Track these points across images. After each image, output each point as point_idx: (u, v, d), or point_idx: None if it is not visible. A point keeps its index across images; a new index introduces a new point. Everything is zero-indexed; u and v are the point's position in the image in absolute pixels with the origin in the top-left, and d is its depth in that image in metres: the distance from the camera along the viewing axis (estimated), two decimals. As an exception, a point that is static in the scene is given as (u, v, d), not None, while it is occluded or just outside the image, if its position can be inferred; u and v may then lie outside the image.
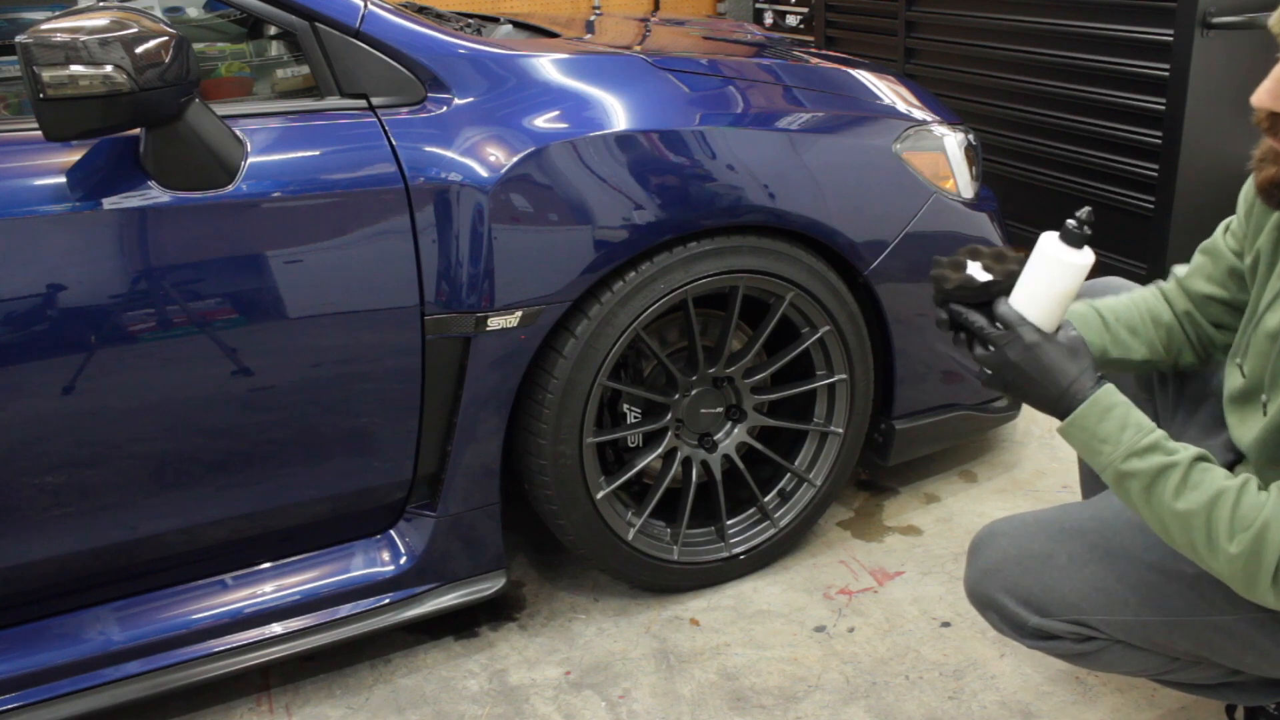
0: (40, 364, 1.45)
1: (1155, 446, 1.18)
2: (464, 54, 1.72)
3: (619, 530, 1.94)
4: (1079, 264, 1.21)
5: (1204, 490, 1.14)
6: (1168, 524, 1.17)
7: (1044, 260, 1.22)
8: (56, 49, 1.30)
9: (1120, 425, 1.19)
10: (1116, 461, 1.19)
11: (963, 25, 3.60)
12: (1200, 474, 1.16)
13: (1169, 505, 1.15)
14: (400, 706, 1.81)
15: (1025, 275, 1.25)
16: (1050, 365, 1.22)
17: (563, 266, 1.71)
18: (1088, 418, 1.20)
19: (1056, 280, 1.21)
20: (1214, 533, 1.13)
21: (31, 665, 1.57)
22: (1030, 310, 1.23)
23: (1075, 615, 1.34)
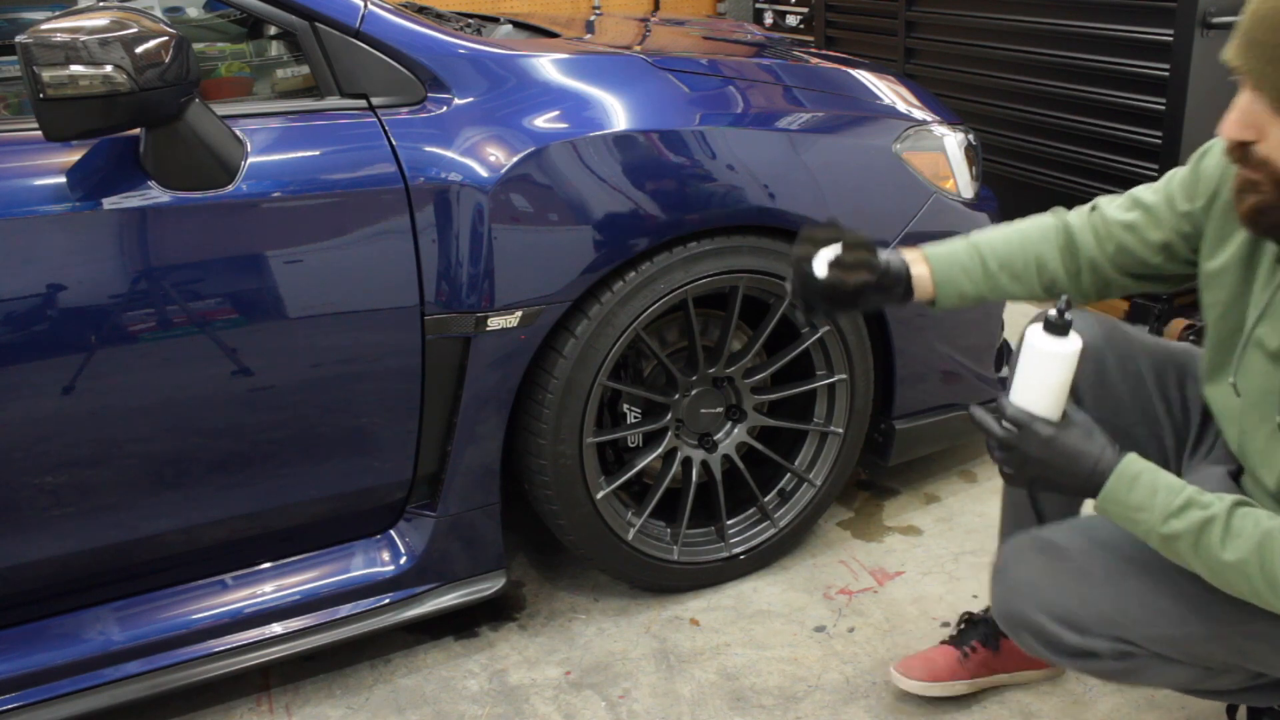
0: (40, 364, 1.45)
1: (1190, 503, 1.19)
2: (464, 54, 1.72)
3: (619, 530, 1.94)
4: (1069, 352, 1.24)
5: (1250, 536, 1.15)
6: (1226, 576, 1.18)
7: (1035, 356, 1.26)
8: (56, 49, 1.30)
9: (1151, 491, 1.21)
10: (1157, 526, 1.20)
11: (963, 25, 3.60)
12: (1241, 520, 1.17)
13: (1220, 558, 1.16)
14: (400, 706, 1.81)
15: (1020, 371, 1.28)
16: (1071, 452, 1.24)
17: (563, 266, 1.71)
18: (1118, 491, 1.22)
19: (1052, 372, 1.25)
20: (1272, 575, 1.13)
21: (31, 665, 1.57)
22: (1036, 405, 1.26)
23: (1116, 631, 1.28)
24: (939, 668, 1.74)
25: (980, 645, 1.74)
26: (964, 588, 2.05)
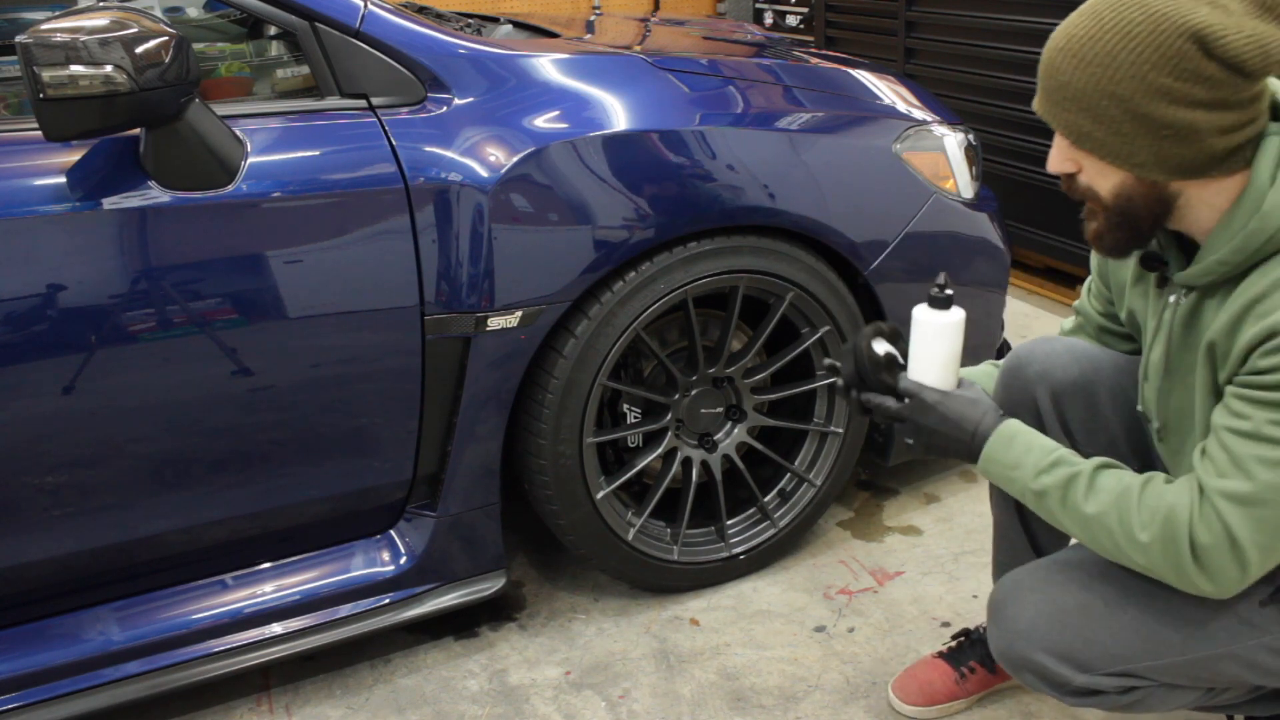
0: (40, 364, 1.45)
1: (1060, 461, 1.25)
2: (464, 54, 1.72)
3: (619, 530, 1.94)
4: (953, 322, 1.35)
5: (1110, 490, 1.20)
6: (1090, 528, 1.22)
7: (922, 329, 1.36)
8: (56, 49, 1.30)
9: (1025, 449, 1.28)
10: (1029, 483, 1.26)
11: (963, 25, 3.60)
12: (1105, 477, 1.22)
13: (1083, 510, 1.21)
14: (400, 706, 1.81)
15: (912, 348, 1.38)
16: (955, 416, 1.32)
17: (563, 266, 1.71)
18: (995, 449, 1.29)
19: (938, 343, 1.35)
20: (1127, 526, 1.18)
21: (31, 665, 1.57)
22: (927, 376, 1.36)
23: (1121, 666, 1.28)
24: (936, 690, 1.73)
25: (979, 665, 1.73)
26: (964, 588, 2.05)
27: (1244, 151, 1.10)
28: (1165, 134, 1.07)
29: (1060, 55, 1.11)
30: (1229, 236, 1.12)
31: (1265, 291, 1.10)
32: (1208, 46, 1.03)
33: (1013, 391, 1.50)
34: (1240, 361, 1.13)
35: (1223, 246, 1.13)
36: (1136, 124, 1.08)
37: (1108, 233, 1.20)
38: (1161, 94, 1.05)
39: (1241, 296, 1.12)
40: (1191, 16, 1.03)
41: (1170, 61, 1.04)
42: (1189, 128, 1.06)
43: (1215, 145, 1.08)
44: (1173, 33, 1.03)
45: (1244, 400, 1.12)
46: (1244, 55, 1.02)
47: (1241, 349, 1.12)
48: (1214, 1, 1.04)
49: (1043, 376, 1.47)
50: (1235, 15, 1.03)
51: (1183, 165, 1.10)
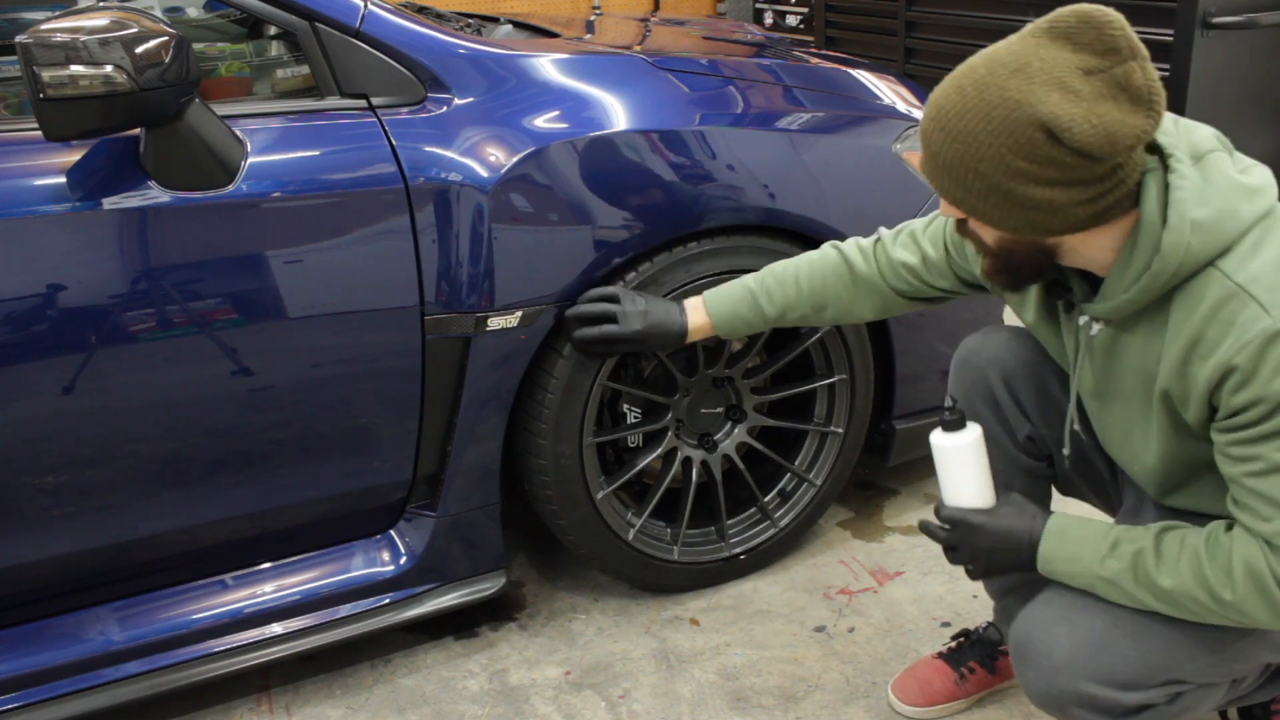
0: (40, 364, 1.45)
1: (1119, 540, 1.24)
2: (464, 54, 1.72)
3: (619, 530, 1.94)
4: (972, 440, 1.36)
5: (1182, 560, 1.19)
6: (1171, 600, 1.21)
7: (944, 455, 1.37)
8: (56, 49, 1.30)
9: (1080, 540, 1.27)
10: (1095, 570, 1.25)
11: (963, 25, 3.60)
12: (1168, 544, 1.21)
13: (1160, 585, 1.20)
14: (400, 706, 1.81)
15: (941, 475, 1.38)
16: (1005, 531, 1.32)
17: (563, 267, 1.71)
18: (1050, 549, 1.29)
19: (964, 464, 1.36)
20: (1210, 589, 1.17)
21: (31, 665, 1.57)
22: (965, 499, 1.36)
23: (1165, 675, 1.26)
24: (936, 691, 1.73)
25: (978, 666, 1.73)
26: (964, 588, 2.05)
27: (1122, 202, 1.12)
28: (1029, 207, 1.10)
29: (931, 125, 1.14)
30: (1133, 276, 1.15)
31: (1200, 331, 1.13)
32: (1056, 136, 1.05)
33: (966, 381, 1.54)
34: (1205, 403, 1.15)
35: (1127, 285, 1.16)
36: (1002, 198, 1.11)
37: (995, 274, 1.25)
38: (1019, 175, 1.09)
39: (1177, 338, 1.15)
40: (1041, 106, 1.05)
41: (1023, 147, 1.07)
42: (1050, 203, 1.09)
43: (1080, 214, 1.10)
44: (1024, 122, 1.06)
45: (1242, 444, 1.13)
46: (1091, 144, 1.04)
47: (1201, 391, 1.14)
48: (1066, 86, 1.05)
49: (993, 362, 1.51)
50: (1086, 100, 1.05)
51: (1053, 229, 1.13)
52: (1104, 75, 1.05)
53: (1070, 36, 1.07)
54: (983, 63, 1.11)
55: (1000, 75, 1.08)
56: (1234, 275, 1.11)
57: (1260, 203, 1.13)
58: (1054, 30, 1.08)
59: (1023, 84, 1.06)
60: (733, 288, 1.66)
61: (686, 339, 1.69)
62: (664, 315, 1.68)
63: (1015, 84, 1.07)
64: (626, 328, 1.67)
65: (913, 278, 1.54)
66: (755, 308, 1.63)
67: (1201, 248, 1.11)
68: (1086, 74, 1.05)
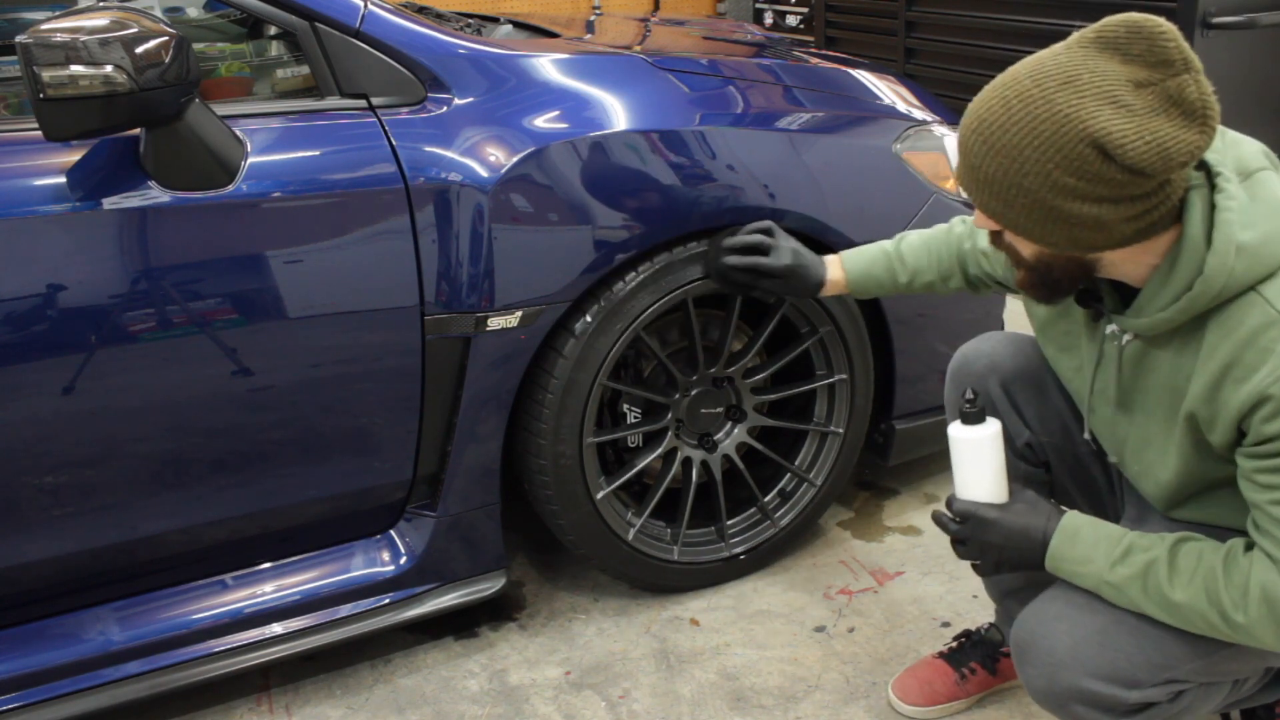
0: (40, 364, 1.45)
1: (1132, 548, 1.23)
2: (464, 54, 1.72)
3: (619, 530, 1.94)
4: (991, 434, 1.34)
5: (1192, 572, 1.18)
6: (1180, 614, 1.20)
7: (961, 447, 1.35)
8: (56, 49, 1.30)
9: (1093, 542, 1.26)
10: (1104, 575, 1.24)
11: (963, 25, 3.60)
12: (1184, 557, 1.20)
13: (1170, 598, 1.19)
14: (400, 706, 1.81)
15: (956, 468, 1.36)
16: (1019, 527, 1.30)
17: (563, 266, 1.71)
18: (1061, 548, 1.27)
19: (981, 458, 1.34)
20: (1221, 609, 1.16)
21: (31, 665, 1.57)
22: (979, 493, 1.34)
23: (1167, 674, 1.25)
24: (936, 691, 1.73)
25: (979, 667, 1.73)
26: (964, 588, 2.05)
27: (1166, 219, 1.10)
28: (1074, 224, 1.08)
29: (973, 137, 1.11)
30: (1171, 295, 1.13)
31: (1235, 356, 1.11)
32: (1108, 153, 1.02)
33: (963, 388, 1.52)
34: (1234, 427, 1.14)
35: (1165, 304, 1.14)
36: (1046, 214, 1.09)
37: (1031, 287, 1.23)
38: (1066, 191, 1.06)
39: (1211, 361, 1.13)
40: (1092, 121, 1.02)
41: (1072, 164, 1.04)
42: (1096, 220, 1.07)
43: (1125, 230, 1.08)
44: (1074, 138, 1.03)
45: (1269, 472, 1.12)
46: (1144, 161, 1.02)
47: (1231, 416, 1.13)
48: (1118, 100, 1.02)
49: (992, 369, 1.51)
50: (1139, 115, 1.02)
51: (1096, 245, 1.11)
52: (1156, 89, 1.02)
53: (1120, 48, 1.04)
54: (1028, 73, 1.07)
55: (1048, 88, 1.05)
56: (1275, 302, 1.09)
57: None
58: (1102, 40, 1.05)
59: (1072, 97, 1.03)
60: (870, 249, 1.67)
61: (823, 290, 1.70)
62: (810, 261, 1.69)
63: (1064, 97, 1.04)
64: (777, 261, 1.68)
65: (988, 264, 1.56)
66: (889, 269, 1.64)
67: (1245, 272, 1.09)
68: (1138, 87, 1.02)
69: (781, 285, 1.71)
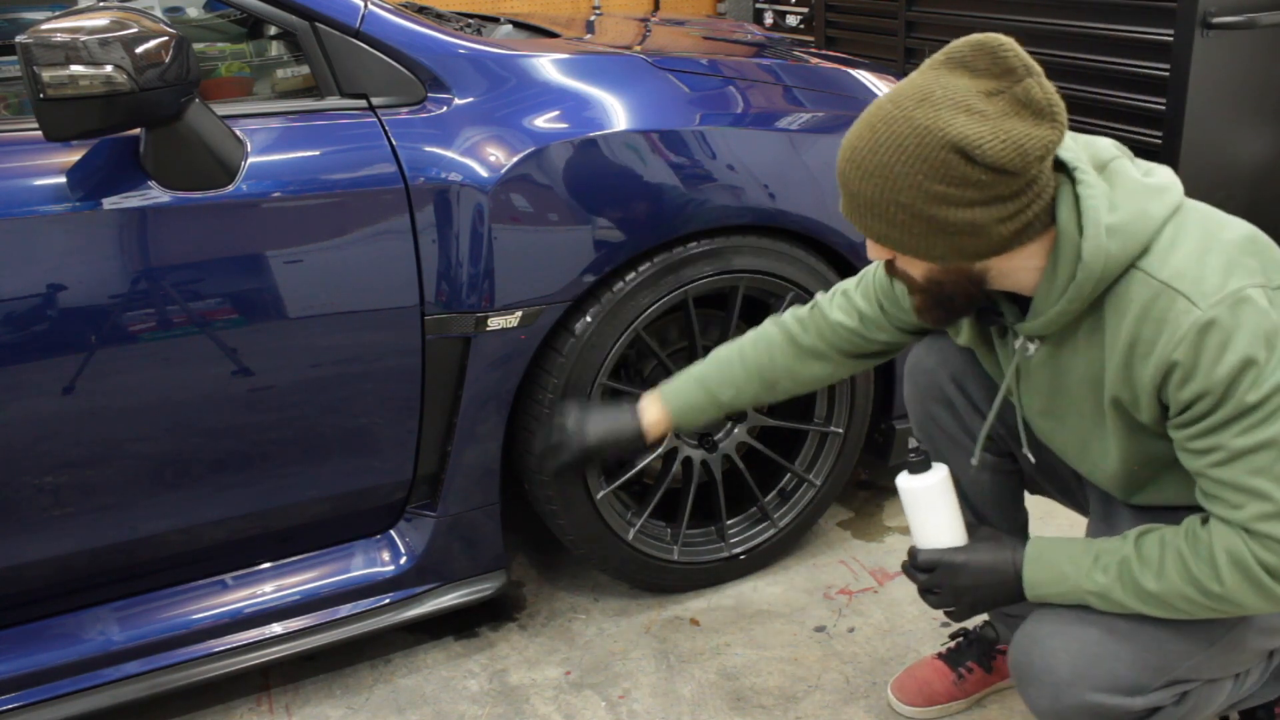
0: (40, 364, 1.45)
1: (1100, 553, 1.25)
2: (464, 54, 1.72)
3: (619, 530, 1.94)
4: (939, 480, 1.36)
5: (1166, 561, 1.20)
6: (1161, 602, 1.21)
7: (914, 498, 1.36)
8: (56, 49, 1.30)
9: (1062, 560, 1.28)
10: (1083, 585, 1.25)
11: (963, 25, 3.60)
12: (1150, 547, 1.22)
13: (1148, 589, 1.21)
14: (400, 706, 1.81)
15: (911, 518, 1.38)
16: (989, 565, 1.33)
17: (563, 266, 1.71)
18: (1034, 575, 1.29)
19: (934, 505, 1.36)
20: (1199, 585, 1.17)
21: (31, 665, 1.57)
22: (940, 539, 1.35)
23: (1168, 676, 1.25)
24: (935, 691, 1.73)
25: (975, 665, 1.74)
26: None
27: (1040, 219, 1.14)
28: (953, 231, 1.12)
29: (847, 166, 1.16)
30: (1059, 288, 1.17)
31: (1135, 332, 1.15)
32: (969, 155, 1.08)
33: (920, 387, 1.56)
34: (1154, 401, 1.17)
35: (1056, 298, 1.18)
36: (925, 225, 1.13)
37: (927, 310, 1.27)
38: (939, 199, 1.11)
39: (1116, 343, 1.17)
40: (949, 128, 1.08)
41: (939, 170, 1.09)
42: (972, 224, 1.12)
43: (1003, 231, 1.13)
44: (936, 145, 1.09)
45: (1200, 436, 1.14)
46: (1003, 158, 1.07)
47: (1148, 390, 1.16)
48: (971, 108, 1.08)
49: (942, 364, 1.54)
50: (991, 119, 1.08)
51: (979, 252, 1.15)
52: (1004, 95, 1.09)
53: (967, 64, 1.11)
54: (887, 99, 1.15)
55: (906, 107, 1.11)
56: (1157, 273, 1.13)
57: (1168, 200, 1.16)
58: (951, 61, 1.12)
59: (929, 111, 1.10)
60: (683, 379, 1.59)
61: (647, 438, 1.58)
62: (614, 426, 1.57)
63: (922, 112, 1.10)
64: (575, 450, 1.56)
65: (853, 336, 1.52)
66: (708, 395, 1.56)
67: (1120, 251, 1.14)
68: (988, 96, 1.09)
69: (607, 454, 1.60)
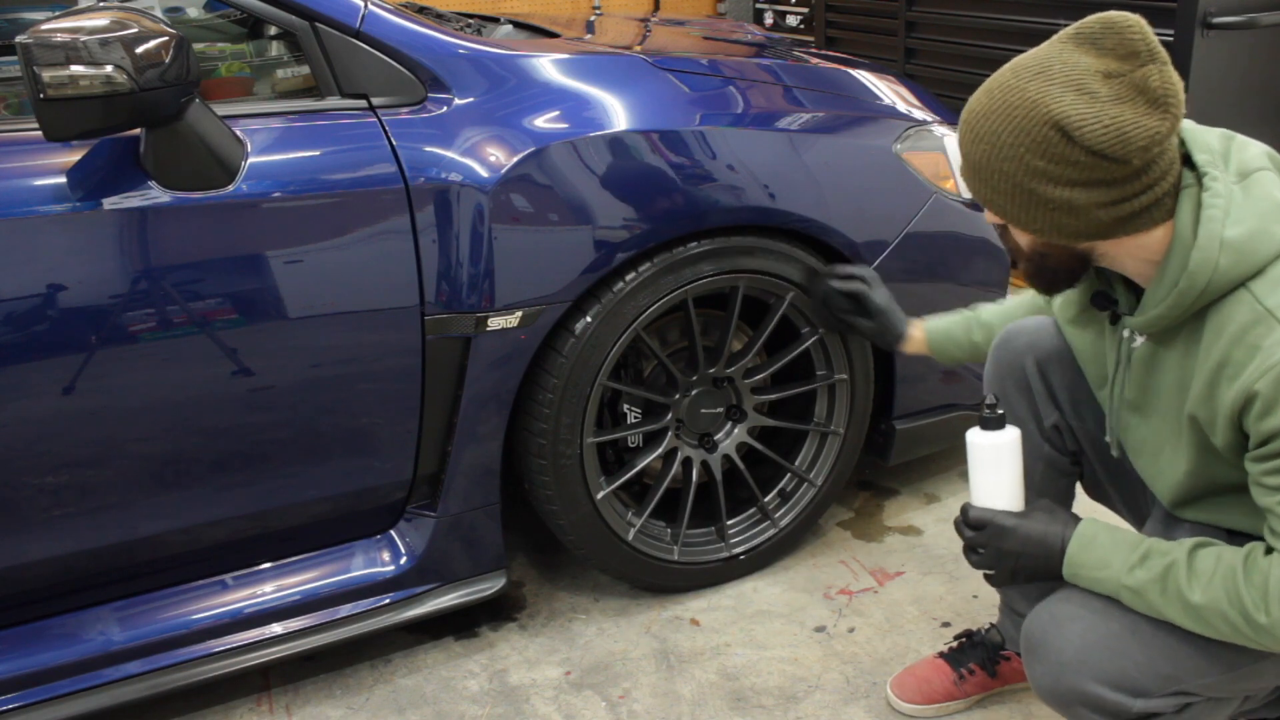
0: (40, 364, 1.45)
1: (1150, 552, 1.23)
2: (464, 54, 1.72)
3: (619, 530, 1.94)
4: (1009, 441, 1.33)
5: (1211, 574, 1.17)
6: (1200, 616, 1.19)
7: (981, 454, 1.34)
8: (57, 49, 1.30)
9: (1111, 546, 1.25)
10: (1122, 578, 1.23)
11: (963, 25, 3.60)
12: (1202, 560, 1.19)
13: (1190, 599, 1.18)
14: (400, 706, 1.81)
15: (972, 473, 1.35)
16: (1038, 535, 1.30)
17: (563, 266, 1.71)
18: (1078, 554, 1.27)
19: (1000, 465, 1.33)
20: (1242, 610, 1.15)
21: (31, 665, 1.57)
22: (996, 501, 1.33)
23: (1176, 687, 1.24)
24: (934, 689, 1.73)
25: (978, 668, 1.73)
26: (964, 588, 2.05)
27: (1152, 211, 1.13)
28: (1051, 207, 1.13)
29: (964, 129, 1.18)
30: (1164, 292, 1.16)
31: (1227, 354, 1.13)
32: (1069, 135, 1.08)
33: (1002, 364, 1.54)
34: (1231, 427, 1.15)
35: (1160, 301, 1.17)
36: (1025, 197, 1.14)
37: (1032, 277, 1.28)
38: (1038, 174, 1.12)
39: (1207, 360, 1.15)
40: (1055, 105, 1.08)
41: (1040, 146, 1.10)
42: (1069, 203, 1.12)
43: (1103, 216, 1.12)
44: (1040, 120, 1.10)
45: (1274, 472, 1.13)
46: (1102, 143, 1.07)
47: (1227, 415, 1.14)
48: (1084, 88, 1.09)
49: (1031, 346, 1.52)
50: (1101, 101, 1.08)
51: (1079, 232, 1.15)
52: (1124, 79, 1.08)
53: (1095, 42, 1.10)
54: (1009, 67, 1.15)
55: (1023, 77, 1.12)
56: (1264, 299, 1.10)
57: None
58: (1079, 36, 1.12)
59: (1043, 85, 1.10)
60: (952, 314, 1.72)
61: (902, 344, 1.76)
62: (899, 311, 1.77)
63: (1035, 85, 1.10)
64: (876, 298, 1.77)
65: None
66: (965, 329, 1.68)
67: (1231, 267, 1.11)
68: (1106, 77, 1.08)
69: (872, 326, 1.79)
